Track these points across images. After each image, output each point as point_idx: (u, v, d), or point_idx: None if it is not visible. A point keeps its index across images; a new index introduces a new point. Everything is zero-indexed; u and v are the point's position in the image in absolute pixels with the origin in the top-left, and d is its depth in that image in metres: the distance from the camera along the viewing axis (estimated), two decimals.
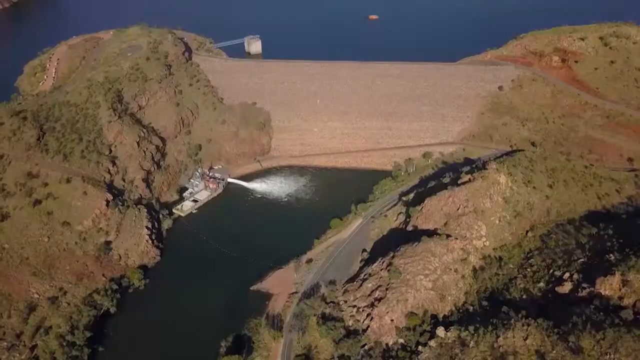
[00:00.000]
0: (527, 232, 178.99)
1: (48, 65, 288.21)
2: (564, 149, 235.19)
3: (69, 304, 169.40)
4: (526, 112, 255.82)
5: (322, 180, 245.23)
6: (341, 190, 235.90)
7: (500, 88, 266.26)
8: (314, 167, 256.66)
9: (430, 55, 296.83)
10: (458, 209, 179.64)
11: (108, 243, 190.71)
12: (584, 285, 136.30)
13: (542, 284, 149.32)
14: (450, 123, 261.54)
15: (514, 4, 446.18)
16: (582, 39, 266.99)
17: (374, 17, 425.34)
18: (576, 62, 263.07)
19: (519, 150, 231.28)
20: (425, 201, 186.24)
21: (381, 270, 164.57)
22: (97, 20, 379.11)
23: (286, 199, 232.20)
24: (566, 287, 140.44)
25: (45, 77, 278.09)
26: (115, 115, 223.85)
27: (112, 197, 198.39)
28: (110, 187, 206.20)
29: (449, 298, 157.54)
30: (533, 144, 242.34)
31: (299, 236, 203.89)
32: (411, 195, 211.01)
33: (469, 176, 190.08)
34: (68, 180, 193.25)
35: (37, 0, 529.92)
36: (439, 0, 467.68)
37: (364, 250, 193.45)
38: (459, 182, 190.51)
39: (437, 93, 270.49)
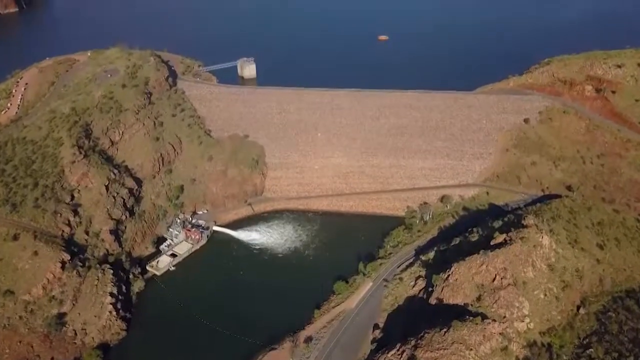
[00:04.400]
0: (578, 308, 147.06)
1: (14, 91, 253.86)
2: (606, 195, 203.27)
3: None
4: (558, 150, 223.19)
5: (323, 229, 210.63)
6: (346, 242, 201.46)
7: (526, 121, 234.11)
8: (314, 211, 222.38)
9: (446, 82, 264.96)
10: (494, 280, 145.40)
11: (61, 316, 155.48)
12: None
13: None
14: (470, 161, 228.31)
15: (536, 24, 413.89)
16: (619, 66, 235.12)
17: (383, 37, 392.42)
18: (613, 92, 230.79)
19: (554, 197, 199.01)
20: (453, 268, 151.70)
21: None
22: (81, 39, 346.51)
23: (281, 253, 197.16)
24: None
25: (8, 105, 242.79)
26: (81, 153, 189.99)
27: (69, 257, 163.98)
28: (69, 243, 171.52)
29: None
30: (569, 188, 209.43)
31: (297, 303, 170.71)
32: (431, 254, 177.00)
33: (503, 236, 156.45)
34: (15, 237, 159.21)
35: (19, 16, 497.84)
36: (454, 20, 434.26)
37: (376, 326, 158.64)
38: (491, 242, 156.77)
39: (454, 126, 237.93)
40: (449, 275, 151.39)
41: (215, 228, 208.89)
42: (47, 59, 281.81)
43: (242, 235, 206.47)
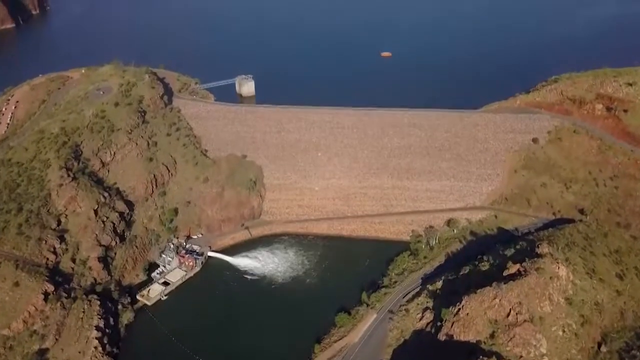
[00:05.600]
0: (599, 345, 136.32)
1: (4, 110, 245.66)
2: (621, 220, 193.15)
3: None
4: (569, 171, 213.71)
5: (324, 255, 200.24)
6: (348, 269, 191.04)
7: (534, 140, 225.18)
8: (315, 235, 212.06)
9: (450, 100, 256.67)
10: (508, 315, 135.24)
11: (43, 352, 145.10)
12: None
13: None
14: (477, 182, 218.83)
15: (541, 40, 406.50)
16: (630, 84, 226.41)
17: (386, 54, 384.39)
18: (625, 111, 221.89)
19: (567, 221, 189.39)
20: (463, 301, 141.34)
21: None
22: (77, 56, 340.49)
23: (280, 282, 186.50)
24: None
25: None
26: (69, 176, 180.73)
27: (53, 288, 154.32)
28: (54, 272, 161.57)
29: None
30: (582, 211, 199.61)
31: (295, 336, 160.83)
32: (439, 283, 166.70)
33: (517, 266, 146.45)
34: None
35: (16, 32, 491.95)
36: (458, 36, 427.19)
37: None
38: (504, 273, 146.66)
39: (460, 146, 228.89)
40: (459, 310, 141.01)
41: (211, 254, 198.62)
42: (40, 75, 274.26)
43: (238, 261, 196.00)
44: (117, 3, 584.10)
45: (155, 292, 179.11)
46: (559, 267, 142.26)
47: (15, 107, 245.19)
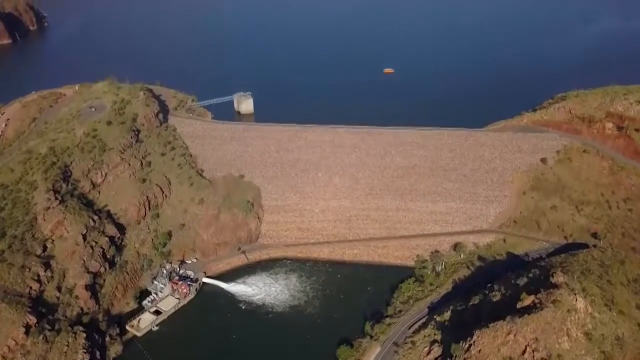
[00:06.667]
0: None
1: None
2: (637, 245, 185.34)
3: None
4: (580, 193, 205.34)
5: (325, 281, 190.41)
6: (350, 296, 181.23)
7: (543, 161, 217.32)
8: (315, 260, 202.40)
9: (455, 118, 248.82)
10: (524, 352, 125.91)
11: None
12: None
13: None
14: (485, 204, 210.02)
15: (545, 56, 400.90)
16: None
17: (389, 70, 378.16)
18: (637, 130, 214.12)
19: (580, 246, 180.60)
20: (475, 336, 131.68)
21: None
22: (73, 72, 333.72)
23: (278, 310, 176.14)
24: None
25: None
26: (57, 199, 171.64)
27: (36, 320, 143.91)
28: (37, 302, 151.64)
29: None
30: (595, 235, 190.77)
31: None
32: (447, 314, 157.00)
33: (532, 298, 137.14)
34: None
35: (12, 48, 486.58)
36: (461, 52, 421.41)
37: None
38: (518, 305, 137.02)
39: (466, 166, 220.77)
40: (470, 345, 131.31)
41: (205, 280, 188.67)
42: (32, 92, 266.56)
43: (234, 288, 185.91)
44: (116, 19, 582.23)
45: (145, 322, 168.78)
46: (576, 299, 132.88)
47: (5, 126, 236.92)
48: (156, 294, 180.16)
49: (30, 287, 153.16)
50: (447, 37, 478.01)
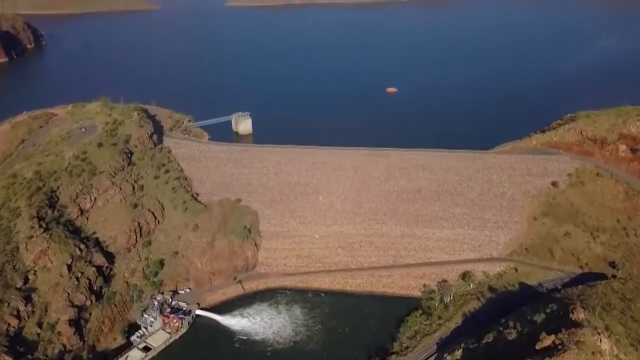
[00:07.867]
0: None
1: None
2: None
3: None
4: (595, 219, 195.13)
5: (326, 314, 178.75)
6: (354, 331, 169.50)
7: (554, 184, 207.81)
8: (315, 290, 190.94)
9: (461, 140, 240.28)
10: None
11: None
12: None
13: None
14: (494, 231, 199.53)
15: (552, 76, 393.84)
16: None
17: (392, 90, 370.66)
18: None
19: (597, 276, 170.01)
20: None
21: None
22: (68, 91, 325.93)
23: (277, 346, 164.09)
24: None
25: None
26: (41, 226, 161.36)
27: None
28: (15, 340, 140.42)
29: None
30: (613, 265, 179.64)
31: None
32: (458, 352, 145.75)
33: (552, 338, 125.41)
34: None
35: (9, 66, 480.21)
36: (466, 71, 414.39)
37: None
38: (537, 346, 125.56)
39: (473, 190, 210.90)
40: None
41: (199, 312, 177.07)
42: (24, 112, 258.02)
43: (229, 321, 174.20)
44: (116, 38, 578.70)
45: (134, 359, 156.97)
46: (600, 340, 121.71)
47: None
48: (146, 328, 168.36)
49: (9, 324, 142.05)
50: (452, 56, 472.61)
